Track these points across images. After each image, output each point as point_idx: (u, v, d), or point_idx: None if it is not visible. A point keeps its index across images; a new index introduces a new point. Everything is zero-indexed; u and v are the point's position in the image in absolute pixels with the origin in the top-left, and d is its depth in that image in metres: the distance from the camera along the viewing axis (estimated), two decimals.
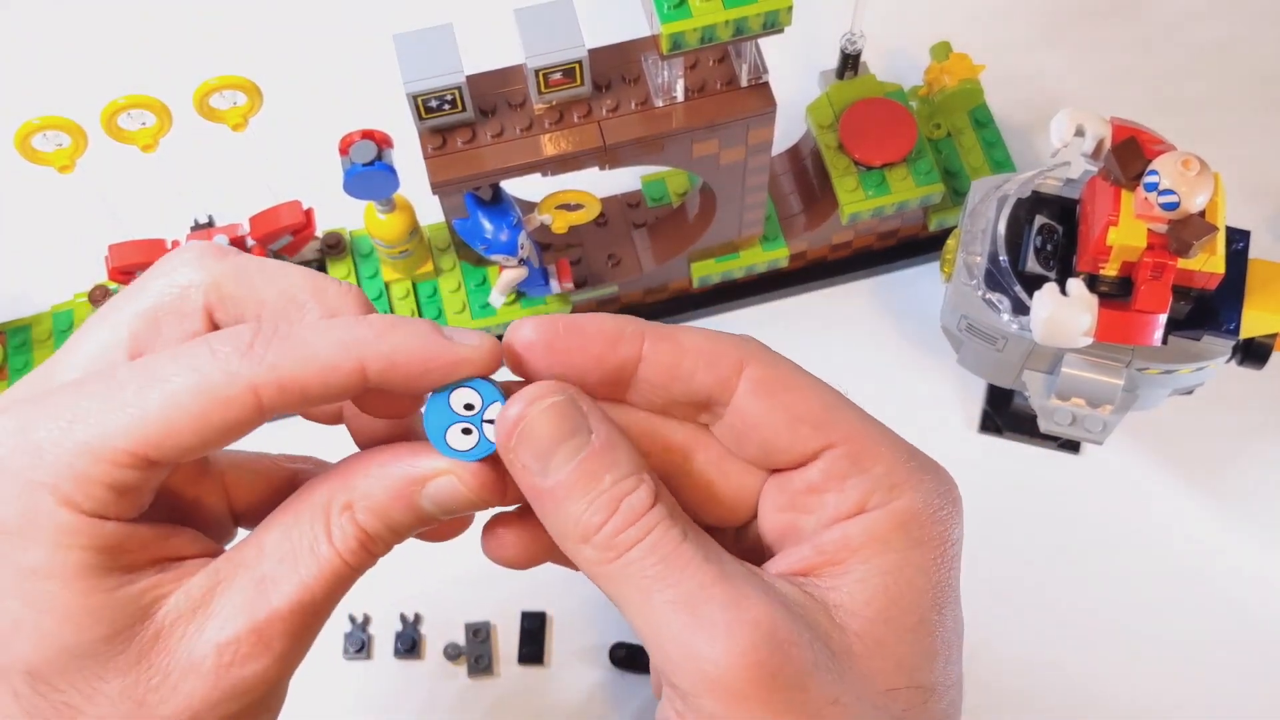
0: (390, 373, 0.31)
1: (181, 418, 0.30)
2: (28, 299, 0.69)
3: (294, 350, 0.31)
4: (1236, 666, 0.63)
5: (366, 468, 0.33)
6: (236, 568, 0.33)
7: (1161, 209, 0.51)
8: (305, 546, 0.33)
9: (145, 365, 0.31)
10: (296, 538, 0.33)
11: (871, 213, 0.66)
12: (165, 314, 0.33)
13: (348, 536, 0.33)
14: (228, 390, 0.31)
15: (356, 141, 0.57)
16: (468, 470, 0.33)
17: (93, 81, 0.65)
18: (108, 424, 0.30)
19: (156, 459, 0.31)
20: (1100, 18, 0.80)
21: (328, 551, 0.33)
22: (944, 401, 0.69)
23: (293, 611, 0.32)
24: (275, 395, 0.31)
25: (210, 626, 0.32)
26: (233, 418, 0.31)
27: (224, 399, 0.31)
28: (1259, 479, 0.67)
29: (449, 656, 0.63)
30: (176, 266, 0.34)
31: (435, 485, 0.33)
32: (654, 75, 0.56)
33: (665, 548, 0.31)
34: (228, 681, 0.32)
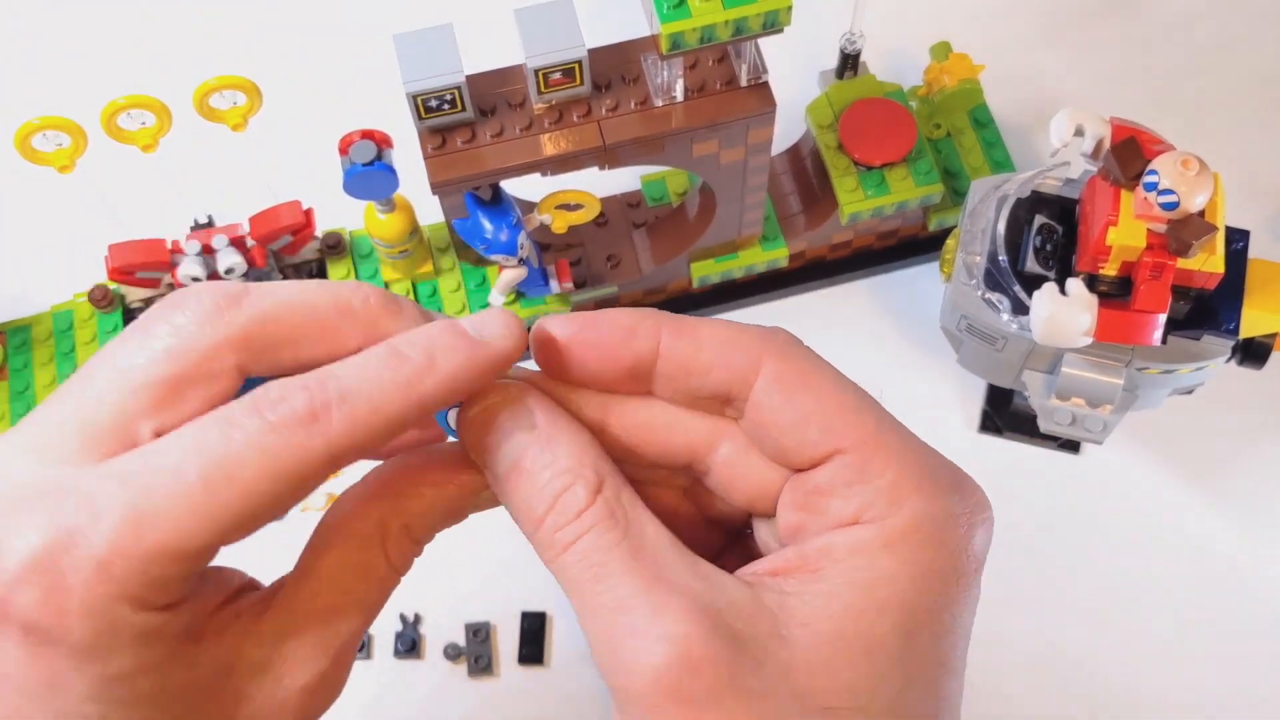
0: (448, 399, 0.31)
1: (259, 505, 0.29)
2: (28, 299, 0.69)
3: (355, 410, 0.29)
4: (1237, 665, 0.63)
5: (418, 488, 0.33)
6: (298, 605, 0.32)
7: (1161, 209, 0.51)
8: (367, 572, 0.33)
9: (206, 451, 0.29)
10: (355, 565, 0.32)
11: (871, 213, 0.66)
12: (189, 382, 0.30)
13: (406, 555, 0.33)
14: (304, 469, 0.29)
15: (356, 141, 0.57)
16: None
17: (93, 81, 0.65)
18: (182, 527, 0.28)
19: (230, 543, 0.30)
20: (1100, 18, 0.80)
21: (386, 572, 0.33)
22: (944, 401, 0.69)
23: (357, 637, 0.33)
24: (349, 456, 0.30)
25: (289, 672, 0.32)
26: (309, 489, 0.30)
27: (302, 479, 0.29)
28: (1259, 479, 0.67)
29: (449, 656, 0.63)
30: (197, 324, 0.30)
31: (484, 496, 0.33)
32: (654, 75, 0.56)
33: (598, 552, 0.31)
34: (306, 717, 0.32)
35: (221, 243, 0.61)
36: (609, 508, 0.31)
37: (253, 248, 0.61)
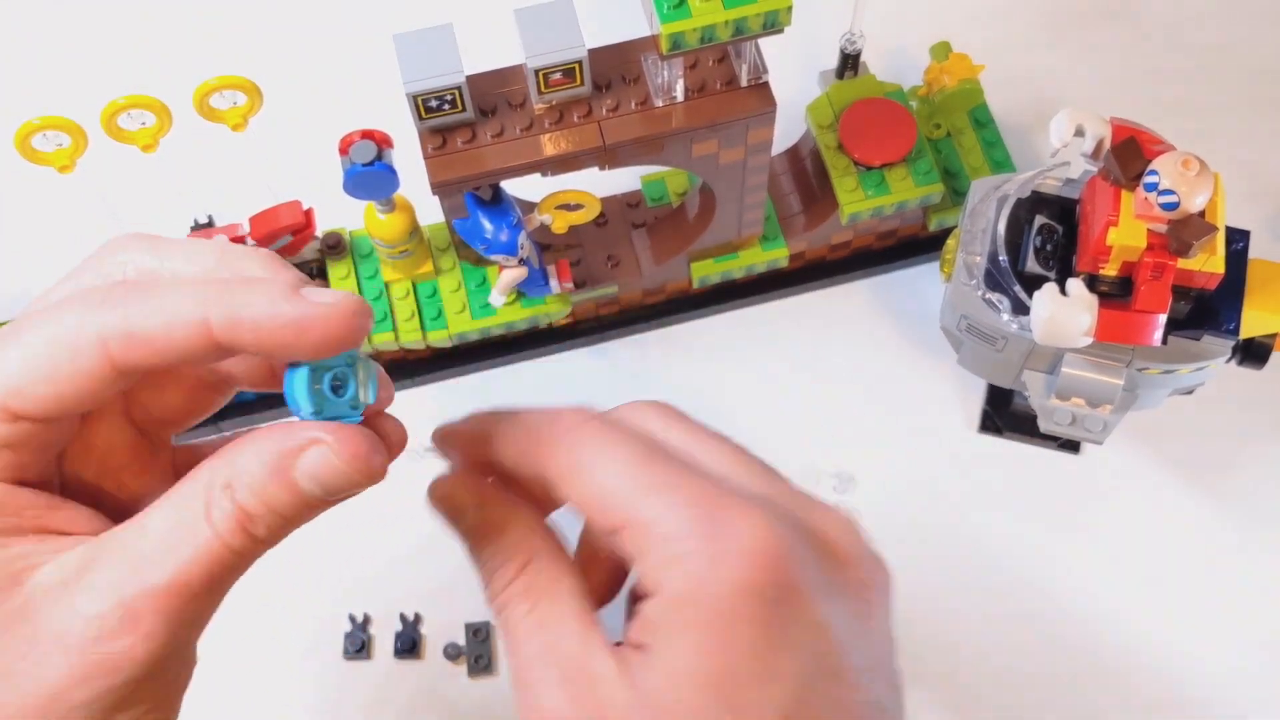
0: (236, 329, 0.31)
1: (35, 368, 0.31)
2: (28, 299, 0.68)
3: (141, 305, 0.31)
4: (1237, 665, 0.63)
5: (247, 447, 0.33)
6: (113, 545, 0.32)
7: (1161, 209, 0.51)
8: (185, 527, 0.32)
9: (14, 325, 0.32)
10: (177, 518, 0.32)
11: (871, 213, 0.66)
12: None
13: (226, 516, 0.32)
14: (76, 339, 0.31)
15: (356, 141, 0.57)
16: (337, 438, 0.32)
17: (93, 81, 0.65)
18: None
19: (20, 411, 0.31)
20: (1100, 18, 0.80)
21: (206, 533, 0.32)
22: (944, 401, 0.69)
23: (166, 592, 0.31)
24: (123, 346, 0.31)
25: (80, 600, 0.31)
26: (82, 367, 0.31)
27: (72, 348, 0.31)
28: (1259, 479, 0.67)
29: (449, 656, 0.63)
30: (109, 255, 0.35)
31: (308, 458, 0.32)
32: (654, 75, 0.56)
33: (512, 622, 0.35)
34: (94, 657, 0.31)
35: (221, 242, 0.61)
36: (526, 584, 0.35)
37: None
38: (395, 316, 0.65)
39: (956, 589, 0.65)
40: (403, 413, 0.71)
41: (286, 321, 0.31)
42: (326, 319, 0.31)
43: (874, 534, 0.67)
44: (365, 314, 0.32)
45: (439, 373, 0.70)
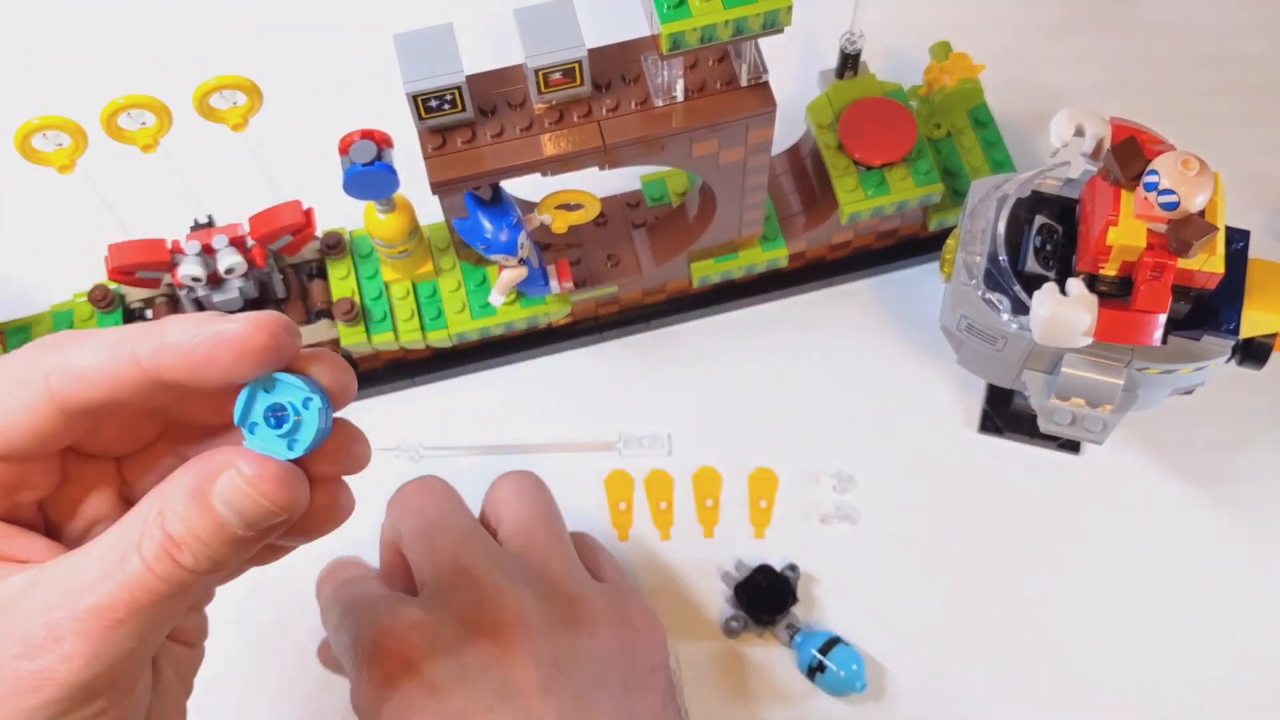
0: (160, 355, 0.32)
1: None
2: (28, 299, 0.69)
3: (80, 343, 0.33)
4: (1237, 666, 0.63)
5: (179, 471, 0.33)
6: (59, 569, 0.33)
7: (1161, 209, 0.51)
8: (118, 555, 0.33)
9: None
10: (115, 544, 0.33)
11: (871, 213, 0.66)
12: None
13: (155, 544, 0.32)
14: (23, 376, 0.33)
15: (356, 141, 0.57)
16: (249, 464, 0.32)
17: (93, 81, 0.65)
18: None
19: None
20: (1100, 17, 0.80)
21: (135, 561, 0.32)
22: (944, 401, 0.69)
23: (88, 615, 0.32)
24: (62, 382, 0.33)
25: (9, 619, 0.32)
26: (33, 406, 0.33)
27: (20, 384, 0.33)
28: (1259, 479, 0.67)
29: None
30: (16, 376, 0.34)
31: (221, 482, 0.32)
32: (654, 75, 0.56)
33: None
34: (16, 674, 0.32)
35: (221, 243, 0.61)
36: None
37: (253, 248, 0.61)
38: (395, 316, 0.65)
39: (956, 589, 0.65)
40: (403, 413, 0.72)
41: (203, 338, 0.32)
42: (241, 333, 0.32)
43: (873, 533, 0.68)
44: (284, 328, 0.32)
45: (439, 373, 0.70)
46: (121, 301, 0.65)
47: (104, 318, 0.65)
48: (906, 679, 0.63)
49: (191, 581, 0.33)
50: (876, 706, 0.62)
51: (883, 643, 0.63)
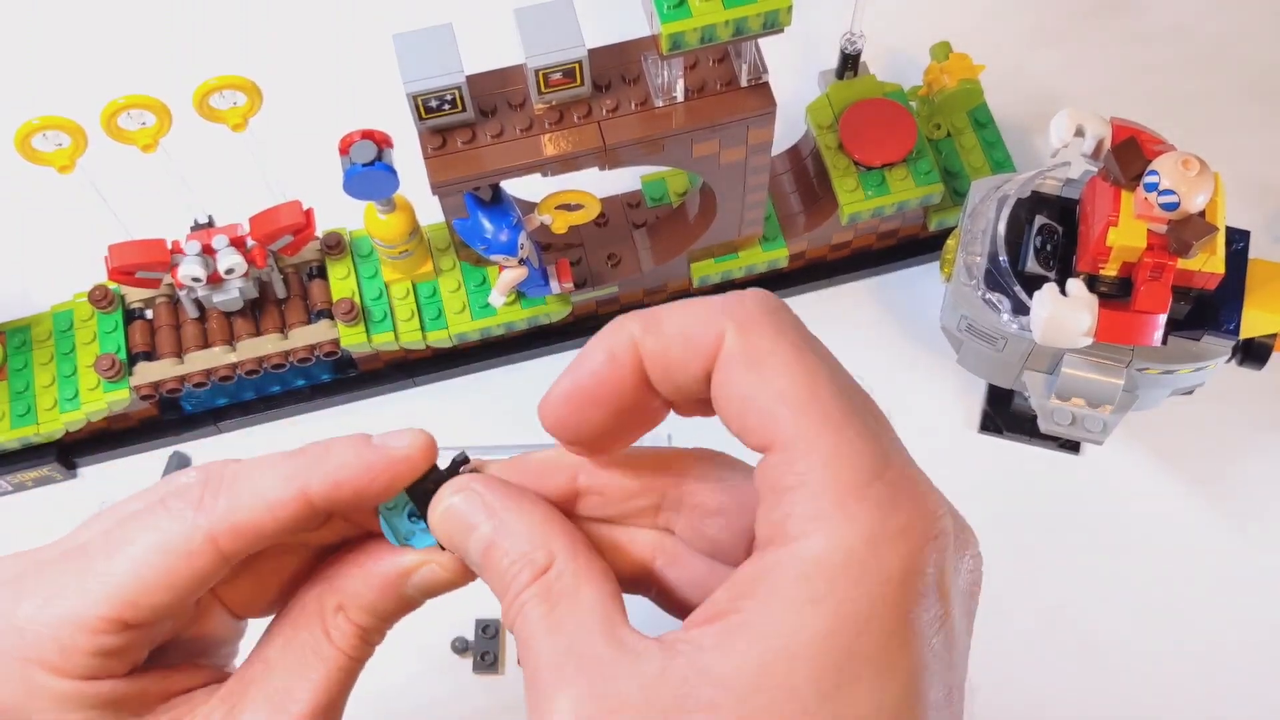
0: (336, 493, 0.33)
1: (150, 578, 0.33)
2: (28, 299, 0.69)
3: (241, 494, 0.33)
4: (1237, 665, 0.63)
5: (352, 570, 0.35)
6: (247, 687, 0.34)
7: (1161, 209, 0.51)
8: (310, 652, 0.35)
9: (111, 534, 0.34)
10: (299, 646, 0.35)
11: (871, 213, 0.66)
12: None
13: (346, 634, 0.35)
14: (188, 545, 0.33)
15: (356, 141, 0.57)
16: (444, 556, 0.36)
17: (93, 81, 0.65)
18: (81, 595, 0.33)
19: (133, 621, 0.33)
20: (1100, 18, 0.80)
21: (331, 652, 0.35)
22: (944, 401, 0.69)
23: (314, 711, 0.34)
24: (231, 540, 0.33)
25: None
26: (198, 568, 0.33)
27: (186, 553, 0.33)
28: (1259, 479, 0.67)
29: (456, 650, 0.63)
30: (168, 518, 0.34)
31: (420, 575, 0.36)
32: (654, 75, 0.56)
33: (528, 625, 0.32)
34: None
35: (221, 243, 0.61)
36: (545, 588, 0.32)
37: (253, 248, 0.61)
38: (395, 316, 0.65)
39: None
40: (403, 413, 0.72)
41: (378, 472, 0.34)
42: (408, 460, 0.34)
43: None
44: (432, 445, 0.35)
45: (439, 373, 0.70)
46: (122, 302, 0.65)
47: (104, 318, 0.65)
48: None
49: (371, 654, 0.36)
50: None
51: None
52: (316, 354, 0.64)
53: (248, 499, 0.33)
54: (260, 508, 0.33)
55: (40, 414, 0.64)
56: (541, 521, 0.34)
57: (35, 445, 0.66)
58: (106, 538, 0.34)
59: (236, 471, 0.34)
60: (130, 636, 0.33)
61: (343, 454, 0.34)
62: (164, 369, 0.64)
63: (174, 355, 0.64)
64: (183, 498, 0.33)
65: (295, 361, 0.64)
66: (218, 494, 0.33)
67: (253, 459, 0.34)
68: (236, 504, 0.33)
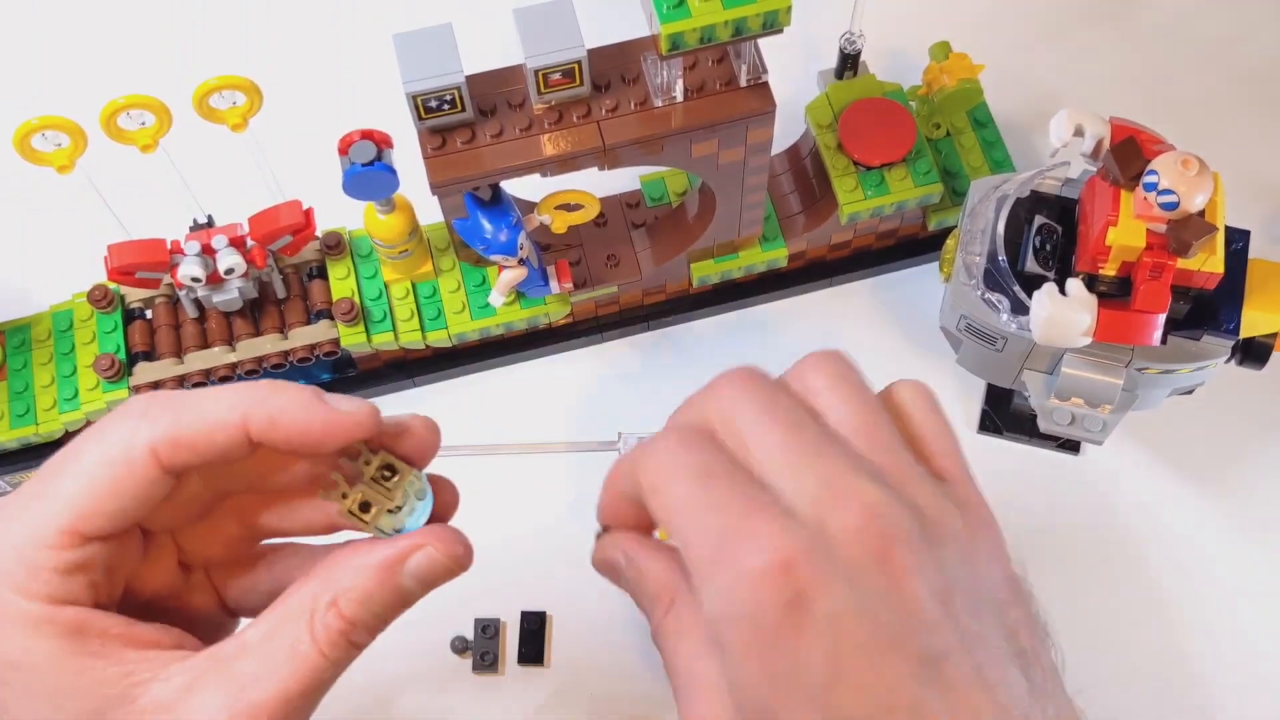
0: (272, 431, 0.35)
1: (97, 487, 0.34)
2: (27, 299, 0.69)
3: (184, 411, 0.35)
4: (1237, 664, 0.63)
5: (346, 562, 0.37)
6: (216, 663, 0.35)
7: (1161, 209, 0.51)
8: (287, 645, 0.35)
9: (63, 453, 0.36)
10: (279, 638, 0.36)
11: (871, 213, 0.66)
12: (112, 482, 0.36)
13: (331, 631, 0.36)
14: (129, 454, 0.34)
15: (356, 141, 0.57)
16: (437, 538, 0.37)
17: (93, 81, 0.65)
18: (38, 513, 0.34)
19: (87, 531, 0.34)
20: (1100, 17, 0.80)
21: (309, 649, 0.35)
22: (943, 401, 0.69)
23: (269, 705, 0.35)
24: (170, 451, 0.35)
25: (192, 717, 0.34)
26: (139, 476, 0.35)
27: (127, 461, 0.34)
28: (1259, 479, 0.67)
29: (456, 650, 0.63)
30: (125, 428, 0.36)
31: (414, 560, 0.37)
32: (653, 75, 0.56)
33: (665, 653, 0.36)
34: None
35: (221, 243, 0.61)
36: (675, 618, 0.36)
37: (253, 248, 0.61)
38: (395, 316, 0.65)
39: None
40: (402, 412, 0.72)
41: (318, 424, 0.35)
42: (353, 423, 0.36)
43: None
44: (378, 419, 0.37)
45: (439, 373, 0.70)
46: (121, 302, 0.65)
47: (103, 318, 0.65)
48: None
49: (353, 658, 0.37)
50: None
51: None
52: (316, 354, 0.64)
53: (190, 416, 0.35)
54: (200, 426, 0.35)
55: (39, 414, 0.64)
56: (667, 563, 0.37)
57: (35, 445, 0.66)
58: (59, 457, 0.36)
59: (186, 395, 0.36)
60: (89, 551, 0.35)
61: (290, 399, 0.35)
62: (163, 369, 0.64)
63: (173, 355, 0.64)
64: (129, 412, 0.35)
65: (295, 361, 0.65)
66: (164, 410, 0.35)
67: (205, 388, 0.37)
68: (179, 419, 0.35)
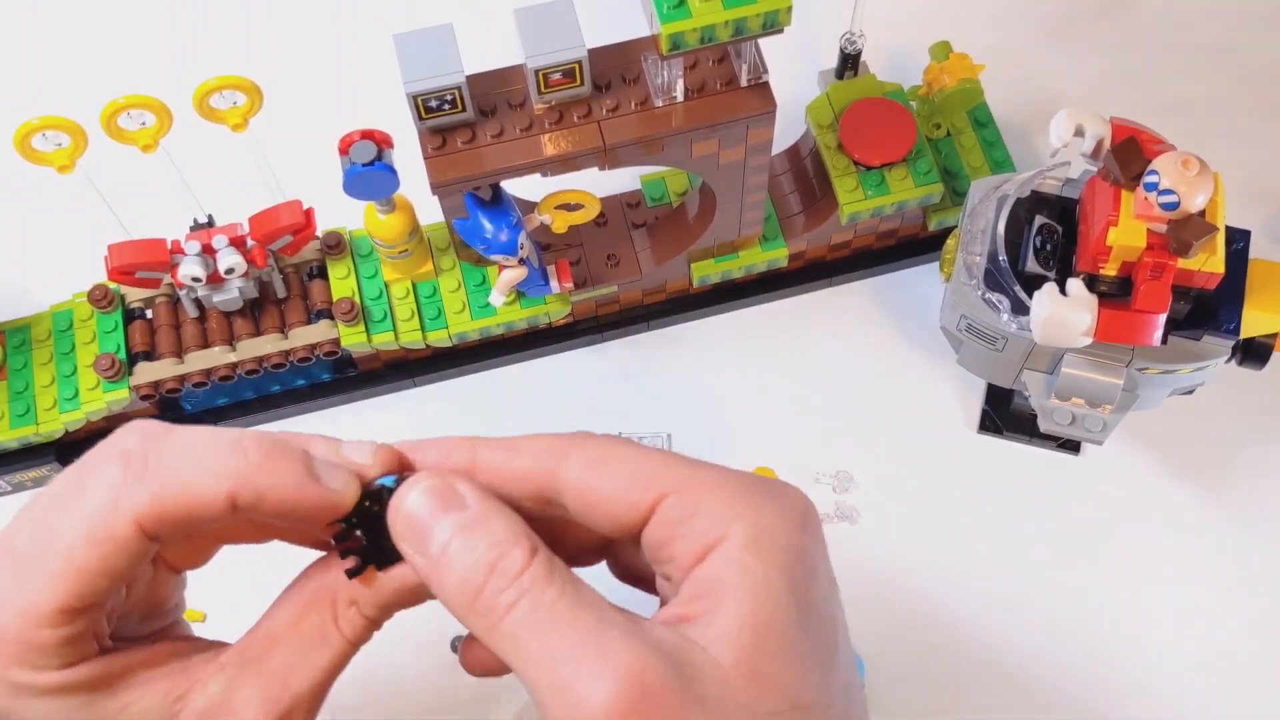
0: (259, 506, 0.34)
1: (87, 569, 0.33)
2: (28, 299, 0.69)
3: (168, 482, 0.33)
4: (1237, 665, 0.63)
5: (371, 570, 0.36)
6: (250, 661, 0.36)
7: (1161, 209, 0.51)
8: (317, 636, 0.36)
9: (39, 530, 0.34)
10: (308, 628, 0.36)
11: (871, 213, 0.66)
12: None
13: (355, 626, 0.36)
14: (114, 530, 0.33)
15: (356, 141, 0.57)
16: None
17: (93, 81, 0.65)
18: (28, 600, 0.33)
19: (81, 606, 0.34)
20: (1100, 18, 0.80)
21: (337, 638, 0.36)
22: (944, 401, 0.69)
23: (312, 693, 0.36)
24: (155, 524, 0.33)
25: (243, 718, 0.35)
26: (128, 551, 0.34)
27: (113, 539, 0.33)
28: (1259, 479, 0.67)
29: (455, 649, 0.63)
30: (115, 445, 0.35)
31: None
32: (654, 75, 0.56)
33: (542, 608, 0.32)
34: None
35: (221, 243, 0.61)
36: (547, 567, 0.33)
37: (253, 248, 0.61)
38: (395, 316, 0.65)
39: (956, 589, 0.65)
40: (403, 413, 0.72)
41: (309, 503, 0.34)
42: (340, 502, 0.35)
43: (873, 533, 0.68)
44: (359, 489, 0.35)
45: (439, 373, 0.70)
46: (121, 301, 0.65)
47: (103, 318, 0.65)
48: (905, 677, 0.63)
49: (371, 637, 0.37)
50: (875, 705, 0.62)
51: (882, 642, 0.63)
52: (316, 354, 0.64)
53: (173, 489, 0.33)
54: (183, 498, 0.33)
55: (40, 414, 0.64)
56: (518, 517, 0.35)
57: (35, 445, 0.66)
58: (35, 536, 0.34)
59: (168, 453, 0.34)
60: (89, 618, 0.34)
61: (279, 476, 0.34)
62: (164, 369, 0.64)
63: (174, 355, 0.64)
64: (102, 478, 0.34)
65: (295, 361, 0.64)
66: (142, 474, 0.34)
67: (189, 431, 0.35)
68: (163, 491, 0.33)
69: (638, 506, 0.34)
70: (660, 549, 0.35)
